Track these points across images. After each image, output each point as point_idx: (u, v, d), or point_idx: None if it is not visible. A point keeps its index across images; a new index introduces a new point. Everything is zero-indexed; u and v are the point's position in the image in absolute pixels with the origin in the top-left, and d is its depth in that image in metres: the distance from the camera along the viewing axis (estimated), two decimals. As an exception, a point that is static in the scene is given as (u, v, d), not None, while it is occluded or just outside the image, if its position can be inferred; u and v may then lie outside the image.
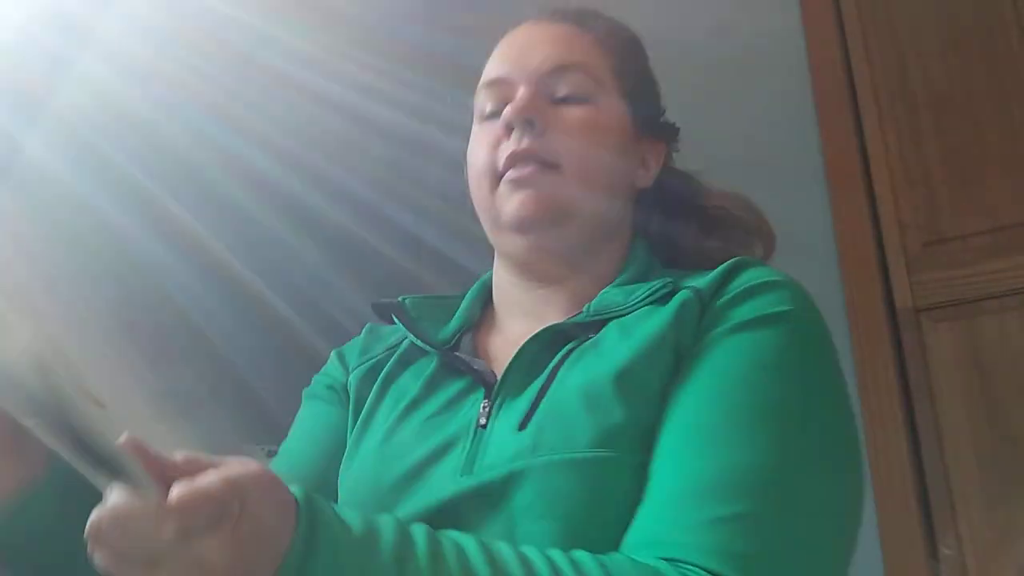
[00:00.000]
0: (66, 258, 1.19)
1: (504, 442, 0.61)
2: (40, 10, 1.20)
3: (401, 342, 0.77)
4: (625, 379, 0.61)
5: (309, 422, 0.78)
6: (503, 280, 0.77)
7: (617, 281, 0.71)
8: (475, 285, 0.81)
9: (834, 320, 1.42)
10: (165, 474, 0.43)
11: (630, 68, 0.77)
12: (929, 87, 1.48)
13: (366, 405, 0.73)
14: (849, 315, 1.42)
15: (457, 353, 0.72)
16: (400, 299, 0.77)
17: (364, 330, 0.82)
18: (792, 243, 1.52)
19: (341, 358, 0.80)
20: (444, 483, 0.61)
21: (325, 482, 0.69)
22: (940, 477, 1.27)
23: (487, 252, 0.80)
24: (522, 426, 0.61)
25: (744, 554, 0.52)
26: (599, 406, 0.60)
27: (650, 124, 0.78)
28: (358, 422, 0.73)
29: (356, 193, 1.71)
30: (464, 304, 0.78)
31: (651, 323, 0.64)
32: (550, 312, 0.72)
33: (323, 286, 1.60)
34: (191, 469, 0.44)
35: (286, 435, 0.79)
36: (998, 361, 1.29)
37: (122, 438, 0.43)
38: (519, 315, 0.74)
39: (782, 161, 1.58)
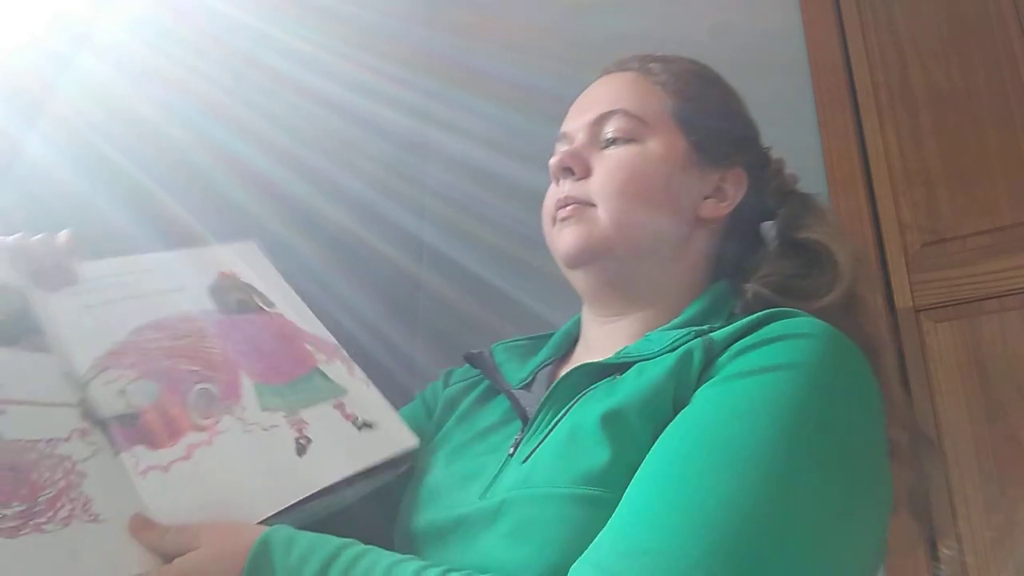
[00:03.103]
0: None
1: (512, 472, 0.66)
2: (40, 10, 1.20)
3: None
4: (610, 421, 0.61)
5: (409, 411, 0.89)
6: (584, 315, 0.82)
7: (671, 324, 0.71)
8: (568, 321, 0.86)
9: (834, 320, 1.44)
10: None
11: (693, 106, 0.79)
12: (929, 87, 1.48)
13: (449, 420, 0.82)
14: (849, 315, 1.41)
15: (512, 390, 0.77)
16: (492, 347, 0.84)
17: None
18: (792, 243, 1.52)
19: (447, 376, 0.90)
20: (464, 501, 0.68)
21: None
22: (940, 477, 1.27)
23: (487, 252, 0.82)
24: (527, 459, 0.66)
25: None
26: (580, 445, 0.61)
27: (720, 155, 0.78)
28: (439, 434, 0.82)
29: (356, 193, 1.71)
30: (552, 341, 0.84)
31: (656, 370, 0.63)
32: (617, 345, 0.72)
33: (323, 286, 1.60)
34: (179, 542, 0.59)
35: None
36: (998, 361, 1.28)
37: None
38: (592, 348, 0.78)
39: (782, 161, 1.58)
